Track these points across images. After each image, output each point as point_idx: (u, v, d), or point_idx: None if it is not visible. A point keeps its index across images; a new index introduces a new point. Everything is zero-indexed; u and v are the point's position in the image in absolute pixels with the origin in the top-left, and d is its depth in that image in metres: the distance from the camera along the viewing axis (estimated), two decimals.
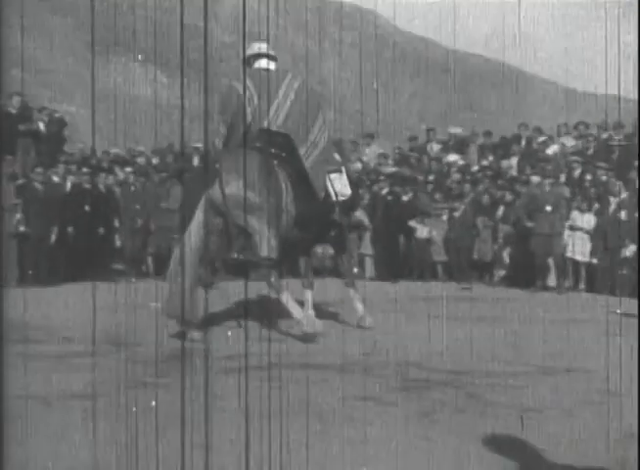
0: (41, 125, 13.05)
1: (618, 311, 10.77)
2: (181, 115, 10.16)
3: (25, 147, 12.73)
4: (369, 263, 14.31)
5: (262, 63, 9.34)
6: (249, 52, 9.43)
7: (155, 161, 14.49)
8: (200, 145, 15.48)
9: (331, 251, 10.51)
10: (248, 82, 8.94)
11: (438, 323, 9.34)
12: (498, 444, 5.24)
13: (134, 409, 5.77)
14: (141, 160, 14.18)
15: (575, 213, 13.58)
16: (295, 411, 5.89)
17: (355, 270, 10.84)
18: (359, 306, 9.60)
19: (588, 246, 13.44)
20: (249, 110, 8.88)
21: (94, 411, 5.76)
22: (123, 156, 14.45)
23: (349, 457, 5.19)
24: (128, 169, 13.68)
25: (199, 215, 8.67)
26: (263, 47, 9.41)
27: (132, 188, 13.24)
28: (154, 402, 5.41)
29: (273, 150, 9.02)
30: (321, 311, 9.62)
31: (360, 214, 12.91)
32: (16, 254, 11.63)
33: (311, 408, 5.82)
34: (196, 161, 14.39)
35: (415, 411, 6.13)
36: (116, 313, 8.65)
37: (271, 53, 9.46)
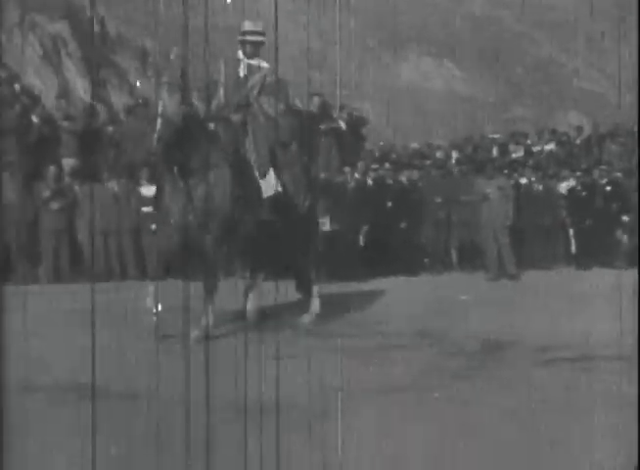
0: (342, 124, 13.28)
1: None
2: None
3: (327, 146, 13.01)
4: None
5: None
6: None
7: (454, 154, 14.41)
8: (497, 136, 15.34)
9: None
10: None
11: None
12: None
13: None
14: (440, 153, 14.18)
15: None
16: None
17: None
18: None
19: None
20: None
21: None
22: (422, 151, 14.49)
23: None
24: (428, 163, 13.65)
25: None
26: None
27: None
28: None
29: None
30: None
31: None
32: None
33: None
34: (495, 152, 14.23)
35: None
36: None
37: None
